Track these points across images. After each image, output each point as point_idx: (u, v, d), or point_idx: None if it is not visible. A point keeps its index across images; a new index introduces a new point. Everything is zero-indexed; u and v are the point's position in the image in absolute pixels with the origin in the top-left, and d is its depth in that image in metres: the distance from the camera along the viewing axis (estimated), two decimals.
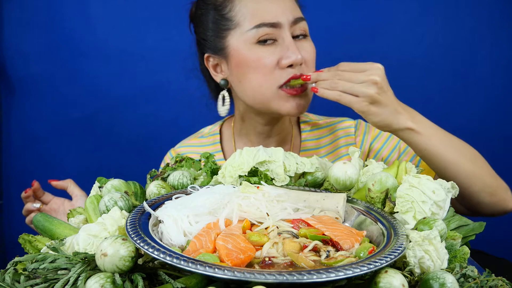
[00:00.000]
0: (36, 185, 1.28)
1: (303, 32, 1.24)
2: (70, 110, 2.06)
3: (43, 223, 0.90)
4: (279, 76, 1.19)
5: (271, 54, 1.19)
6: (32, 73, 2.05)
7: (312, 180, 1.01)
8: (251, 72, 1.21)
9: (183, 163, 1.09)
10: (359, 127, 1.39)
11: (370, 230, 0.83)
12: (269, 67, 1.19)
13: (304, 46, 1.23)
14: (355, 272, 0.63)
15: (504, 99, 1.92)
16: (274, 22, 1.19)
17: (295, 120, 1.44)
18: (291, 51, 1.18)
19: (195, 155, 1.38)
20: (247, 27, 1.20)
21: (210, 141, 1.44)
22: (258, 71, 1.20)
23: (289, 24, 1.21)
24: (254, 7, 1.21)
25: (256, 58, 1.20)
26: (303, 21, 1.24)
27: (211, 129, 1.47)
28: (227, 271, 0.62)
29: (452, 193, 0.92)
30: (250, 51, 1.20)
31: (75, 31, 2.00)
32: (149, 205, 0.85)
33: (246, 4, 1.22)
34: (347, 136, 1.38)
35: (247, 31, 1.20)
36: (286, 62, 1.18)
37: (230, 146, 1.42)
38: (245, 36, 1.20)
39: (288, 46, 1.19)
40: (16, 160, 2.12)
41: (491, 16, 1.87)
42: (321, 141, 1.40)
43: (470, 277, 0.72)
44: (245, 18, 1.21)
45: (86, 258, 0.71)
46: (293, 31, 1.22)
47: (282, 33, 1.20)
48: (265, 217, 0.81)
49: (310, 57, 1.24)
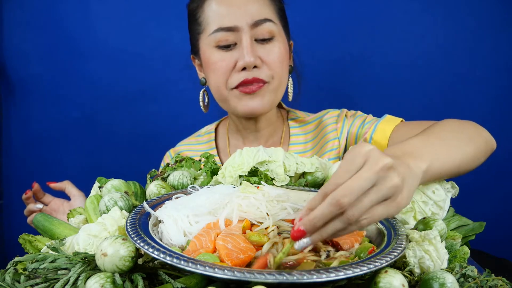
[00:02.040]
0: (36, 187, 1.32)
1: (267, 34, 1.24)
2: (70, 110, 2.06)
3: (43, 223, 0.90)
4: (234, 79, 1.23)
5: (228, 58, 1.23)
6: (32, 73, 2.05)
7: (312, 180, 1.01)
8: (211, 73, 1.27)
9: (183, 163, 1.09)
10: (340, 115, 1.39)
11: (370, 230, 0.83)
12: (225, 69, 1.24)
13: (267, 48, 1.24)
14: (355, 272, 0.63)
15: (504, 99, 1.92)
16: (231, 26, 1.22)
17: (286, 116, 1.47)
18: (245, 53, 1.21)
19: (192, 153, 1.44)
20: (209, 31, 1.25)
21: (205, 139, 1.48)
22: (216, 73, 1.25)
23: (248, 27, 1.22)
24: (216, 12, 1.24)
25: (214, 61, 1.25)
26: (267, 23, 1.23)
27: (207, 128, 1.52)
28: (227, 271, 0.62)
29: (452, 193, 0.92)
30: (211, 54, 1.26)
31: (75, 31, 2.00)
32: (149, 205, 0.85)
33: (210, 9, 1.25)
34: (330, 124, 1.39)
35: (209, 35, 1.25)
36: (239, 65, 1.22)
37: (224, 142, 1.46)
38: (208, 39, 1.25)
39: (244, 48, 1.21)
40: (16, 160, 2.13)
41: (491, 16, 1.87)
42: (308, 136, 1.42)
43: (470, 277, 0.72)
44: (208, 23, 1.25)
45: (86, 258, 0.71)
46: (255, 34, 1.23)
47: (241, 36, 1.22)
48: (265, 217, 0.81)
49: (272, 59, 1.24)
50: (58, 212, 1.31)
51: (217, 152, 1.45)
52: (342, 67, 1.94)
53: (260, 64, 1.23)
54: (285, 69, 1.29)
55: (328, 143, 1.36)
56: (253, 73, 1.22)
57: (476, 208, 1.45)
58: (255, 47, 1.23)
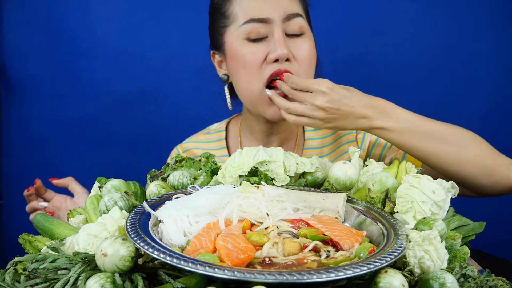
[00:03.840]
0: (39, 183, 1.31)
1: (297, 29, 1.22)
2: (70, 110, 2.06)
3: (43, 223, 0.89)
4: (267, 70, 1.19)
5: (259, 50, 1.19)
6: (32, 73, 2.05)
7: (312, 180, 1.01)
8: (241, 68, 1.22)
9: (183, 163, 1.09)
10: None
11: (370, 230, 0.83)
12: (256, 62, 1.19)
13: (298, 43, 1.22)
14: (355, 272, 0.63)
15: (504, 99, 1.92)
16: (263, 17, 1.19)
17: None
18: (277, 46, 1.18)
19: (201, 150, 1.40)
20: (239, 23, 1.21)
21: (215, 138, 1.45)
22: (247, 66, 1.21)
23: (281, 20, 1.20)
24: (248, 4, 1.22)
25: (244, 54, 1.20)
26: (299, 18, 1.22)
27: (217, 126, 1.48)
28: (227, 271, 0.62)
29: (452, 193, 0.92)
30: (240, 46, 1.21)
31: (75, 31, 2.00)
32: (149, 205, 0.85)
33: (240, 2, 1.23)
34: (348, 134, 1.39)
35: (239, 27, 1.21)
36: (271, 57, 1.18)
37: (236, 142, 1.43)
38: (237, 32, 1.22)
39: (276, 41, 1.19)
40: (16, 160, 2.13)
41: (491, 16, 1.87)
42: (324, 140, 1.41)
43: (470, 277, 0.72)
44: (238, 15, 1.22)
45: (86, 258, 0.71)
46: (286, 28, 1.21)
47: (273, 29, 1.20)
48: (265, 217, 0.81)
49: (303, 55, 1.21)
50: (61, 209, 1.30)
51: (228, 151, 1.42)
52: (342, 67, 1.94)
53: (291, 58, 1.20)
54: (313, 67, 1.26)
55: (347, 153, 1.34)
56: (285, 66, 1.19)
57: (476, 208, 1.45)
58: (287, 41, 1.20)
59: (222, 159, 1.35)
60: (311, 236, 0.76)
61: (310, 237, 0.76)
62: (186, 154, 1.44)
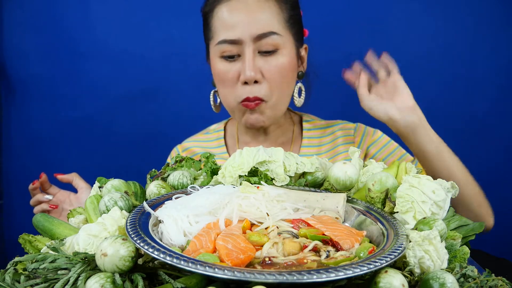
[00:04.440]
0: (44, 178, 1.32)
1: (270, 47, 1.23)
2: (70, 110, 2.06)
3: (43, 223, 0.89)
4: (240, 92, 1.25)
5: (232, 70, 1.25)
6: (32, 73, 2.05)
7: (312, 180, 1.01)
8: (219, 83, 1.30)
9: (183, 163, 1.09)
10: (358, 129, 1.43)
11: (370, 230, 0.83)
12: (230, 81, 1.26)
13: (269, 61, 1.24)
14: (355, 272, 0.63)
15: (504, 99, 1.92)
16: (235, 39, 1.22)
17: (298, 119, 1.48)
18: (246, 68, 1.22)
19: (200, 149, 1.46)
20: (215, 40, 1.26)
21: (214, 137, 1.49)
22: (223, 84, 1.28)
23: (252, 40, 1.22)
24: (222, 21, 1.25)
25: (220, 71, 1.27)
26: (272, 35, 1.22)
27: (216, 127, 1.53)
28: (227, 271, 0.62)
29: (452, 193, 0.92)
30: (217, 63, 1.27)
31: (75, 31, 2.00)
32: (149, 205, 0.85)
33: (218, 17, 1.26)
34: (346, 136, 1.41)
35: (215, 45, 1.26)
36: (241, 79, 1.24)
37: (233, 141, 1.47)
38: (214, 49, 1.27)
39: (246, 62, 1.22)
40: (16, 160, 2.13)
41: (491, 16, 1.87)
42: (322, 140, 1.43)
43: (470, 277, 0.72)
44: (216, 32, 1.26)
45: (86, 258, 0.71)
46: (259, 46, 1.23)
47: (244, 48, 1.23)
48: (265, 217, 0.81)
49: (272, 74, 1.24)
50: (65, 203, 1.31)
51: (226, 149, 1.46)
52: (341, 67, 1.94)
53: (260, 78, 1.24)
54: (287, 81, 1.29)
55: (343, 153, 1.39)
56: (254, 90, 1.24)
57: None
58: (257, 60, 1.23)
59: (222, 156, 1.42)
60: (311, 236, 0.76)
61: (310, 237, 0.76)
62: (186, 153, 1.46)
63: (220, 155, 1.43)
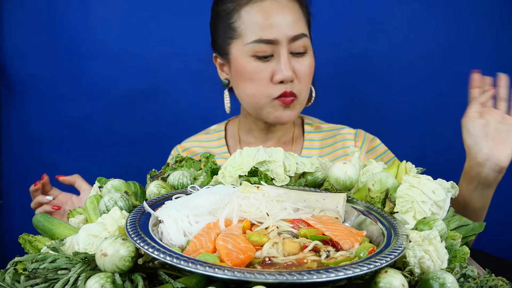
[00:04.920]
0: (46, 179, 1.31)
1: (302, 48, 1.27)
2: (70, 110, 2.06)
3: (43, 223, 0.89)
4: (273, 90, 1.27)
5: (266, 69, 1.26)
6: (32, 73, 2.05)
7: (312, 180, 1.01)
8: (247, 82, 1.29)
9: (183, 163, 1.09)
10: (358, 134, 1.45)
11: (370, 230, 0.83)
12: (262, 80, 1.26)
13: (301, 62, 1.28)
14: (355, 272, 0.63)
15: None
16: (272, 39, 1.24)
17: (299, 121, 1.49)
18: (283, 68, 1.24)
19: (201, 148, 1.46)
20: (247, 40, 1.26)
21: (215, 137, 1.50)
22: (253, 82, 1.28)
23: (287, 41, 1.24)
24: (256, 22, 1.25)
25: (251, 71, 1.27)
26: (304, 37, 1.27)
27: (216, 127, 1.53)
28: (227, 271, 0.62)
29: (452, 193, 0.92)
30: (247, 63, 1.27)
31: (75, 31, 2.00)
32: (149, 205, 0.85)
33: (249, 17, 1.26)
34: (346, 140, 1.43)
35: (246, 44, 1.26)
36: (277, 78, 1.25)
37: (235, 141, 1.47)
38: (244, 48, 1.26)
39: (282, 62, 1.24)
40: (16, 160, 2.12)
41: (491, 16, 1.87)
42: (323, 143, 1.45)
43: (470, 277, 0.72)
44: (246, 31, 1.26)
45: (86, 258, 0.71)
46: (292, 48, 1.26)
47: (279, 49, 1.25)
48: (265, 217, 0.81)
49: (304, 74, 1.28)
50: (67, 205, 1.30)
51: (228, 149, 1.47)
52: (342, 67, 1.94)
53: (294, 78, 1.27)
54: (310, 82, 1.34)
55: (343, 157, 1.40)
56: (290, 87, 1.26)
57: None
58: (291, 61, 1.26)
59: (223, 155, 1.43)
60: (311, 236, 0.76)
61: (310, 237, 0.76)
62: (186, 153, 1.47)
63: (221, 154, 1.44)
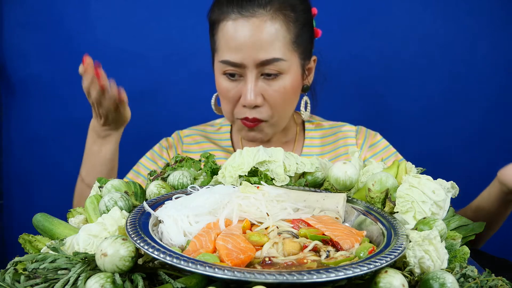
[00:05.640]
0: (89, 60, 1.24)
1: (273, 71, 1.21)
2: (70, 110, 2.06)
3: (43, 223, 0.89)
4: (238, 111, 1.27)
5: (234, 88, 1.25)
6: (32, 73, 2.04)
7: (312, 180, 1.01)
8: (221, 97, 1.31)
9: (183, 163, 1.09)
10: (359, 131, 1.44)
11: (370, 230, 0.83)
12: (230, 100, 1.26)
13: (272, 86, 1.23)
14: (355, 272, 0.63)
15: (504, 99, 1.92)
16: (237, 62, 1.21)
17: (301, 120, 1.48)
18: (247, 93, 1.22)
19: (202, 138, 1.46)
20: (219, 57, 1.25)
21: (221, 130, 1.50)
22: (224, 99, 1.29)
23: (254, 66, 1.20)
24: (226, 41, 1.22)
25: (222, 88, 1.27)
26: (276, 62, 1.20)
27: (222, 121, 1.52)
28: (227, 271, 0.62)
29: (452, 193, 0.92)
30: (220, 79, 1.27)
31: (75, 31, 2.00)
32: (149, 205, 0.85)
33: (223, 35, 1.23)
34: (347, 138, 1.42)
35: (218, 61, 1.25)
36: (241, 102, 1.25)
37: (239, 137, 1.46)
38: (217, 64, 1.26)
39: (248, 87, 1.22)
40: (16, 160, 2.12)
41: (491, 16, 1.87)
42: (324, 140, 1.44)
43: (470, 277, 0.72)
44: (219, 48, 1.25)
45: (86, 258, 0.71)
46: (262, 70, 1.22)
47: (247, 72, 1.22)
48: (265, 217, 0.81)
49: (274, 99, 1.24)
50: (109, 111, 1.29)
51: (232, 143, 1.46)
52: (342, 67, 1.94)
53: (261, 103, 1.24)
54: (290, 102, 1.29)
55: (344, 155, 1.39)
56: (253, 113, 1.25)
57: None
58: (259, 85, 1.23)
59: (226, 149, 1.43)
60: (311, 236, 0.76)
61: (310, 237, 0.76)
62: (186, 139, 1.46)
63: (225, 148, 1.44)
